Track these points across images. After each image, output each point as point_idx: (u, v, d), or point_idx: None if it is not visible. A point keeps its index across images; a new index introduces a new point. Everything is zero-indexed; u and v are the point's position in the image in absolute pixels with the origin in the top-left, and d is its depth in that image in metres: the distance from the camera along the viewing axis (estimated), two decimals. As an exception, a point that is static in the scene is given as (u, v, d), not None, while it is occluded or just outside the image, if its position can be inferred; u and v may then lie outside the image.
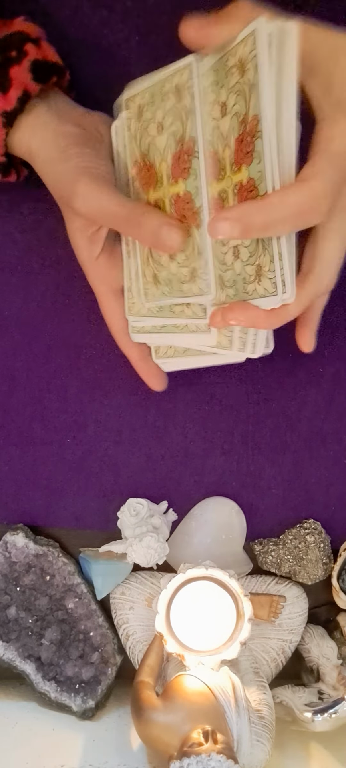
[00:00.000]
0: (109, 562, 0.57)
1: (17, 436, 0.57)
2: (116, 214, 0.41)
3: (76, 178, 0.41)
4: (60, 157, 0.42)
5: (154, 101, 0.41)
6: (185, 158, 0.40)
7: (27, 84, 0.42)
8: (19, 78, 0.41)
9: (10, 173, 0.47)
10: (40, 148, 0.43)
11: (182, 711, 0.47)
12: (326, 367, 0.57)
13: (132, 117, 0.43)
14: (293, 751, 0.55)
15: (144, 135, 0.42)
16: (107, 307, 0.48)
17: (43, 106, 0.43)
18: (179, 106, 0.39)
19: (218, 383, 0.57)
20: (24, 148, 0.44)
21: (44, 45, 0.44)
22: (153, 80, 0.41)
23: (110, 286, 0.47)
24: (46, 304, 0.55)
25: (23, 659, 0.57)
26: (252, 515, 0.58)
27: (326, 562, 0.58)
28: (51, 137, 0.42)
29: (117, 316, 0.49)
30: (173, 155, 0.41)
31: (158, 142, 0.41)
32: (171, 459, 0.58)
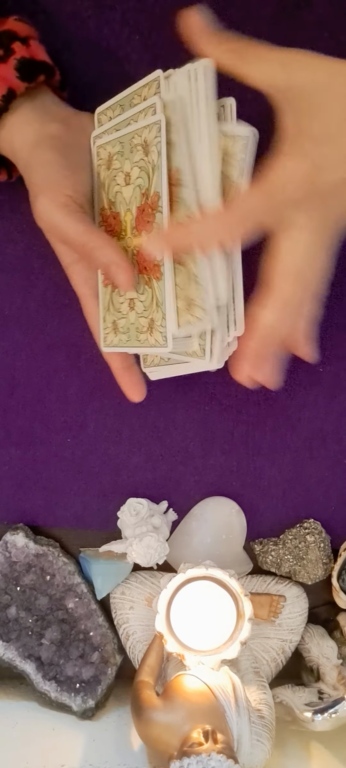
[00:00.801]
0: (109, 562, 0.57)
1: (17, 435, 0.57)
2: (72, 240, 0.41)
3: (38, 192, 0.41)
4: (31, 164, 0.42)
5: (124, 152, 0.42)
6: (149, 212, 0.40)
7: (12, 82, 0.41)
8: (4, 76, 0.41)
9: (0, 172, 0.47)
10: (20, 149, 0.43)
11: (182, 711, 0.48)
12: (326, 367, 0.57)
13: (102, 165, 0.44)
14: (293, 750, 0.55)
15: (112, 184, 0.43)
16: (90, 312, 0.47)
17: (28, 106, 0.43)
18: (146, 160, 0.40)
19: (219, 383, 0.57)
20: (8, 148, 0.43)
21: (33, 44, 0.43)
22: (122, 131, 0.42)
23: (93, 289, 0.46)
24: (46, 303, 0.55)
25: (23, 659, 0.57)
26: (252, 515, 0.58)
27: (326, 562, 0.58)
28: (30, 139, 0.42)
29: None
30: (137, 208, 0.41)
31: (125, 193, 0.42)
32: (171, 459, 0.58)
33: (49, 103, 0.45)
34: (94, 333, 0.48)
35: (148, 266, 0.41)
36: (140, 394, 0.48)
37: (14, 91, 0.42)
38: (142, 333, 0.43)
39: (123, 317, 0.44)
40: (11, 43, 0.42)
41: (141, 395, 0.49)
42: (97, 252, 0.40)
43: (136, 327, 0.43)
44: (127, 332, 0.44)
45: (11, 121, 0.42)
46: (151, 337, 0.42)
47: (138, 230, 0.42)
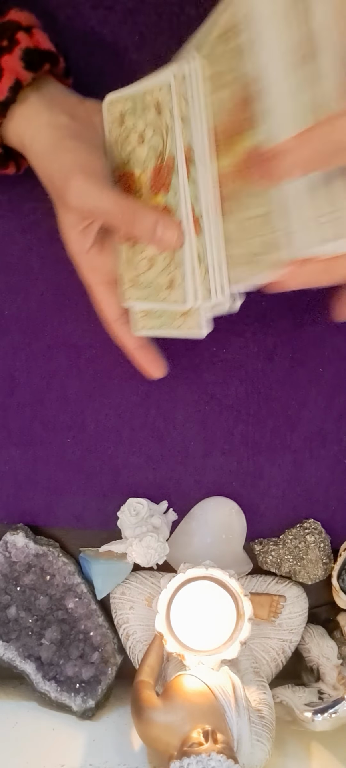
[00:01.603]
0: (109, 562, 0.57)
1: (17, 436, 0.57)
2: (111, 212, 0.40)
3: (70, 173, 0.40)
4: (53, 150, 0.41)
5: (136, 110, 0.41)
6: (164, 174, 0.40)
7: (18, 73, 0.41)
8: (10, 67, 0.41)
9: (7, 165, 0.46)
10: (32, 140, 0.42)
11: (182, 711, 0.48)
12: (327, 367, 0.57)
13: (114, 122, 0.43)
14: (293, 750, 0.55)
15: (125, 143, 0.43)
16: (100, 299, 0.47)
17: (35, 96, 0.42)
18: (159, 121, 0.40)
19: (219, 383, 0.57)
20: (17, 140, 0.43)
21: (36, 33, 0.43)
22: (134, 89, 0.41)
23: (102, 277, 0.47)
24: (46, 304, 0.55)
25: (23, 659, 0.57)
26: (252, 515, 0.58)
27: (326, 562, 0.58)
28: (44, 129, 0.42)
29: (110, 307, 0.48)
30: (153, 168, 0.41)
31: (139, 153, 0.42)
32: (171, 459, 0.58)
33: (56, 93, 0.44)
34: (103, 318, 0.48)
35: None
36: (160, 369, 0.49)
37: (21, 81, 0.41)
38: (162, 290, 0.43)
39: (142, 274, 0.44)
40: (15, 33, 0.42)
41: (161, 370, 0.49)
42: (140, 214, 0.40)
43: (156, 284, 0.43)
44: (147, 288, 0.44)
45: (19, 113, 0.42)
46: (172, 294, 0.42)
47: (155, 191, 0.41)
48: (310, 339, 0.56)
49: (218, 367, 0.56)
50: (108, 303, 0.48)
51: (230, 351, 0.56)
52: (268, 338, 0.56)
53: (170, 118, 0.39)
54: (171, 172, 0.40)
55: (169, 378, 0.55)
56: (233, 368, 0.56)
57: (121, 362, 0.56)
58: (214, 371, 0.56)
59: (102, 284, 0.47)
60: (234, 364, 0.56)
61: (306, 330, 0.56)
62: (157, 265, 0.43)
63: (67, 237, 0.45)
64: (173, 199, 0.40)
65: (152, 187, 0.41)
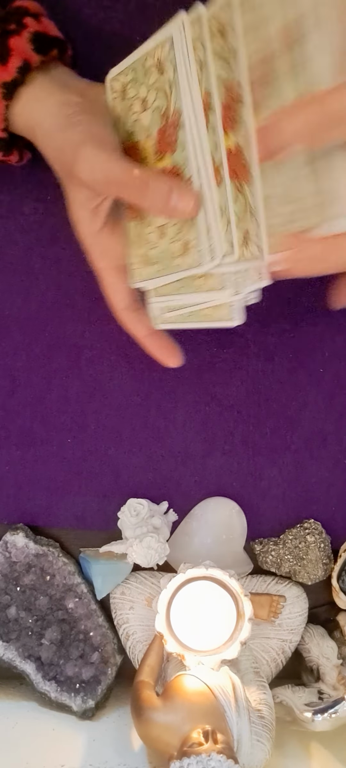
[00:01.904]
0: (109, 562, 0.57)
1: (18, 436, 0.57)
2: (123, 180, 0.39)
3: (81, 143, 0.39)
4: (65, 124, 0.41)
5: (137, 78, 0.40)
6: (170, 131, 0.39)
7: (27, 54, 0.41)
8: (18, 48, 0.41)
9: (11, 152, 0.46)
10: (43, 118, 0.41)
11: (182, 711, 0.48)
12: (327, 367, 0.57)
13: (116, 97, 0.43)
14: (293, 750, 0.55)
15: (129, 114, 0.42)
16: (109, 284, 0.45)
17: (45, 78, 0.42)
18: (162, 80, 0.39)
19: (219, 383, 0.57)
20: (24, 122, 0.43)
21: (44, 20, 0.43)
22: (134, 57, 0.40)
23: (113, 261, 0.45)
24: (46, 304, 0.55)
25: (23, 659, 0.57)
26: (253, 515, 0.58)
27: (326, 562, 0.58)
28: (55, 106, 0.41)
29: (120, 294, 0.46)
30: (158, 130, 0.40)
31: (143, 119, 0.41)
32: (171, 459, 0.58)
33: (65, 76, 0.44)
34: (113, 306, 0.46)
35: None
36: (175, 357, 0.47)
37: (29, 63, 0.41)
38: (176, 258, 0.41)
39: (153, 247, 0.42)
40: (23, 18, 0.42)
41: (176, 358, 0.47)
42: (154, 181, 0.38)
43: (169, 253, 0.41)
44: (159, 261, 0.42)
45: (27, 94, 0.42)
46: (187, 258, 0.40)
47: (161, 153, 0.40)
48: (310, 339, 0.56)
49: (218, 368, 0.56)
50: (117, 290, 0.46)
51: (231, 351, 0.56)
52: (268, 339, 0.56)
53: (173, 72, 0.38)
54: (177, 129, 0.38)
55: (169, 378, 0.56)
56: (233, 369, 0.56)
57: (121, 362, 0.56)
58: (214, 372, 0.56)
59: (112, 269, 0.45)
60: (235, 365, 0.56)
61: (306, 330, 0.56)
62: (168, 233, 0.41)
63: (77, 217, 0.44)
64: (181, 156, 0.39)
65: (158, 151, 0.40)
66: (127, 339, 0.55)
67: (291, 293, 0.55)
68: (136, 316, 0.46)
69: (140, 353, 0.54)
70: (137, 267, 0.44)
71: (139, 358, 0.56)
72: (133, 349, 0.56)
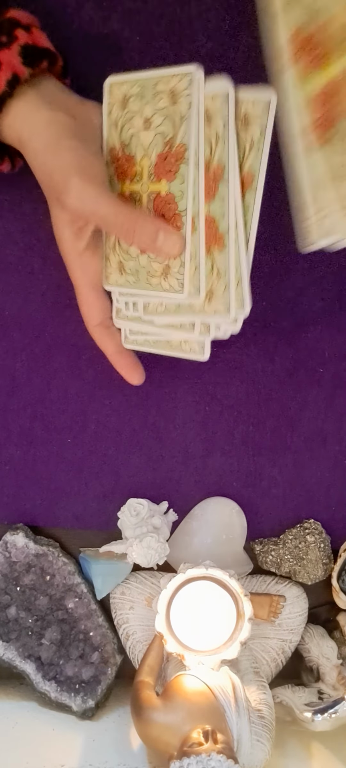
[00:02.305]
0: (109, 562, 0.57)
1: (18, 436, 0.57)
2: (109, 219, 0.41)
3: (70, 174, 0.40)
4: (52, 149, 0.41)
5: (144, 96, 0.41)
6: (172, 161, 0.41)
7: (16, 67, 0.41)
8: (7, 61, 0.41)
9: (3, 161, 0.46)
10: (31, 136, 0.42)
11: (182, 711, 0.48)
12: (327, 367, 0.57)
13: (115, 103, 0.43)
14: (293, 750, 0.55)
15: (127, 125, 0.43)
16: (86, 301, 0.47)
17: (33, 93, 0.42)
18: (173, 110, 0.40)
19: (219, 383, 0.57)
20: (14, 136, 0.43)
21: (35, 31, 0.43)
22: (145, 75, 0.41)
23: (91, 279, 0.46)
24: (46, 304, 0.55)
25: (23, 659, 0.57)
26: (253, 515, 0.58)
27: (326, 562, 0.58)
28: (42, 126, 0.42)
29: (95, 311, 0.48)
30: (159, 154, 0.41)
31: (143, 137, 0.42)
32: (171, 459, 0.58)
33: (54, 91, 0.44)
34: (86, 321, 0.48)
35: (167, 214, 0.41)
36: (139, 376, 0.49)
37: (19, 76, 0.41)
38: (154, 277, 0.43)
39: (132, 259, 0.44)
40: (14, 30, 0.42)
41: (140, 377, 0.49)
42: (141, 225, 0.40)
43: (147, 270, 0.43)
44: (135, 274, 0.44)
45: (16, 109, 0.42)
46: (166, 281, 0.42)
47: (157, 177, 0.42)
48: (310, 339, 0.56)
49: (218, 368, 0.56)
50: (91, 306, 0.48)
51: (231, 351, 0.56)
52: (268, 338, 0.56)
53: (187, 108, 0.39)
54: (179, 161, 0.40)
55: (169, 379, 0.56)
56: (233, 369, 0.56)
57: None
58: (214, 372, 0.56)
59: (88, 286, 0.47)
60: (235, 365, 0.56)
61: (306, 330, 0.56)
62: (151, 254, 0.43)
63: (61, 235, 0.45)
64: (178, 187, 0.40)
65: (154, 173, 0.42)
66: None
67: (291, 293, 0.55)
68: (107, 333, 0.48)
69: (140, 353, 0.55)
70: (112, 272, 0.46)
71: (138, 358, 0.56)
72: (133, 349, 0.56)
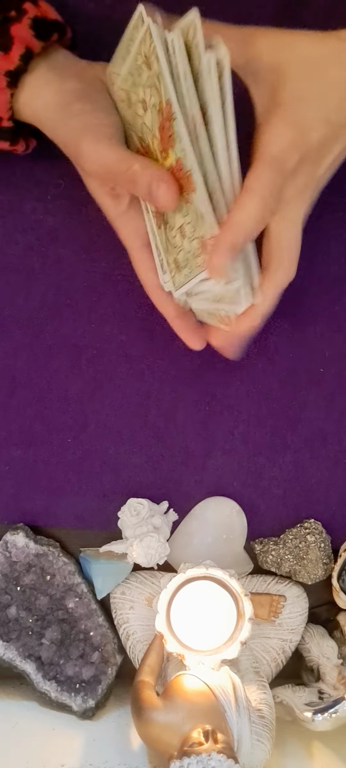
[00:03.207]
0: (109, 562, 0.57)
1: (18, 436, 0.57)
2: (116, 170, 0.40)
3: (79, 137, 0.40)
4: (63, 116, 0.41)
5: (135, 81, 0.40)
6: (167, 125, 0.38)
7: (29, 41, 0.41)
8: (20, 35, 0.41)
9: (18, 141, 0.46)
10: (44, 109, 0.42)
11: (182, 710, 0.48)
12: (327, 367, 0.57)
13: (122, 105, 0.43)
14: (293, 750, 0.55)
15: (136, 119, 0.42)
16: (140, 263, 0.45)
17: (44, 66, 0.42)
18: (151, 74, 0.38)
19: (219, 383, 0.57)
20: (29, 112, 0.43)
21: (43, 4, 0.43)
22: (127, 61, 0.40)
23: (141, 238, 0.45)
24: (47, 304, 0.55)
25: (23, 659, 0.57)
26: (253, 515, 0.58)
27: (327, 562, 0.58)
28: (53, 97, 0.42)
29: (151, 272, 0.46)
30: (158, 128, 0.39)
31: (146, 120, 0.41)
32: (172, 459, 0.58)
33: (64, 60, 0.44)
34: (144, 284, 0.47)
35: (183, 182, 0.39)
36: (200, 341, 0.48)
37: (32, 50, 0.41)
38: (198, 256, 0.41)
39: (180, 249, 0.42)
40: (23, 4, 0.42)
41: (201, 341, 0.48)
42: (139, 173, 0.39)
43: (192, 253, 0.41)
44: (188, 264, 0.42)
45: (30, 83, 0.42)
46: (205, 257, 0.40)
47: (165, 151, 0.40)
48: (310, 339, 0.56)
49: (218, 368, 0.56)
50: (147, 267, 0.46)
51: (231, 351, 0.56)
52: (268, 338, 0.56)
53: (157, 63, 0.37)
54: (171, 121, 0.38)
55: (169, 378, 0.56)
56: (233, 368, 0.56)
57: (121, 362, 0.56)
58: (214, 371, 0.56)
59: (140, 247, 0.45)
60: (235, 364, 0.56)
61: (306, 330, 0.56)
62: (187, 232, 0.41)
63: (100, 202, 0.44)
64: (179, 148, 0.38)
65: (162, 150, 0.40)
66: (127, 339, 0.55)
67: (291, 293, 0.55)
68: (167, 296, 0.46)
69: (140, 353, 0.55)
70: (174, 274, 0.44)
71: (139, 358, 0.56)
72: (134, 349, 0.56)
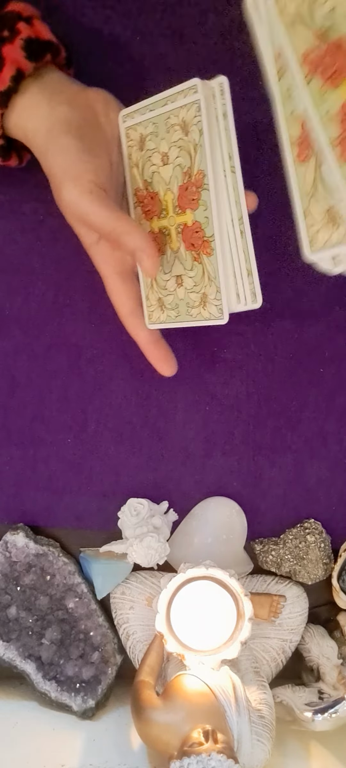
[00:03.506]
0: (109, 562, 0.57)
1: (18, 435, 0.57)
2: (98, 228, 0.41)
3: (63, 180, 0.41)
4: (49, 149, 0.41)
5: (158, 133, 0.42)
6: (193, 190, 0.41)
7: (20, 62, 0.41)
8: (11, 57, 0.41)
9: (10, 157, 0.46)
10: (33, 134, 0.42)
11: (182, 710, 0.48)
12: (327, 367, 0.57)
13: (133, 146, 0.44)
14: (293, 750, 0.55)
15: (147, 164, 0.44)
16: (113, 290, 0.46)
17: (36, 87, 0.42)
18: (186, 140, 0.41)
19: (219, 383, 0.57)
20: (20, 132, 0.43)
21: (37, 23, 0.43)
22: (156, 111, 0.42)
23: (115, 268, 0.46)
24: (46, 304, 0.55)
25: (23, 659, 0.57)
26: (253, 515, 0.58)
27: (327, 562, 0.58)
28: (43, 123, 0.42)
29: (123, 299, 0.47)
30: (180, 186, 0.42)
31: (163, 173, 0.43)
32: (172, 459, 0.58)
33: (56, 82, 0.44)
34: (117, 310, 0.48)
35: (197, 243, 0.42)
36: (171, 367, 0.48)
37: (23, 71, 0.41)
38: (194, 308, 0.44)
39: (170, 294, 0.45)
40: (16, 23, 0.42)
41: (172, 368, 0.48)
42: (125, 237, 0.40)
43: (186, 302, 0.44)
44: (175, 308, 0.45)
45: (21, 104, 0.42)
46: (205, 310, 0.43)
47: (181, 208, 0.42)
48: (310, 339, 0.56)
49: (218, 368, 0.56)
50: (121, 295, 0.47)
51: (231, 351, 0.56)
52: (268, 338, 0.56)
53: (199, 135, 0.40)
54: (200, 189, 0.41)
55: (170, 378, 0.55)
56: (233, 368, 0.56)
57: (121, 362, 0.56)
58: (215, 372, 0.56)
59: (113, 274, 0.46)
60: (235, 365, 0.56)
61: (306, 330, 0.56)
62: (186, 284, 0.44)
63: (75, 230, 0.45)
64: (203, 214, 0.41)
65: (179, 205, 0.43)
66: (127, 339, 0.55)
67: (292, 293, 0.55)
68: (139, 322, 0.47)
69: (140, 353, 0.55)
70: (153, 309, 0.47)
71: (139, 358, 0.56)
72: (133, 349, 0.56)
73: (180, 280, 0.44)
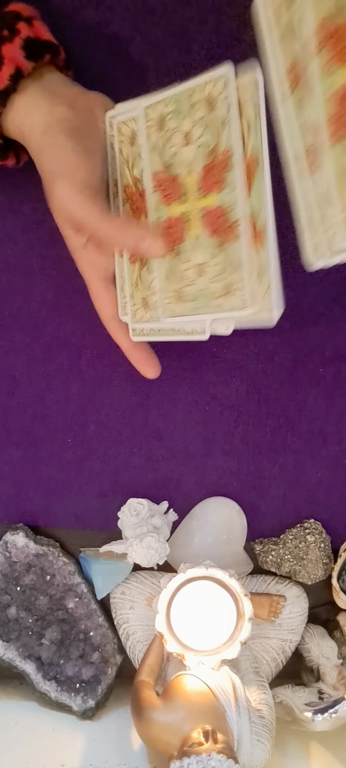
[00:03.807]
0: (109, 562, 0.57)
1: (18, 435, 0.57)
2: (91, 228, 0.41)
3: (55, 178, 0.40)
4: (46, 146, 0.41)
5: (181, 110, 0.40)
6: (218, 170, 0.39)
7: (19, 61, 0.41)
8: (10, 56, 0.41)
9: (7, 156, 0.46)
10: (30, 131, 0.42)
11: (182, 711, 0.48)
12: (327, 367, 0.57)
13: (152, 126, 0.42)
14: (293, 750, 0.55)
15: (166, 146, 0.41)
16: (96, 295, 0.47)
17: (34, 86, 0.42)
18: (211, 117, 0.38)
19: (219, 383, 0.57)
20: (17, 131, 0.43)
21: (37, 24, 0.43)
22: (178, 89, 0.40)
23: (99, 273, 0.46)
24: (46, 304, 0.55)
25: (23, 659, 0.57)
26: (253, 515, 0.58)
27: (327, 562, 0.58)
28: (41, 121, 0.42)
29: (107, 304, 0.47)
30: (204, 167, 0.39)
31: (185, 153, 0.40)
32: (172, 459, 0.58)
33: (56, 83, 0.44)
34: (100, 314, 0.48)
35: (221, 228, 0.39)
36: (154, 370, 0.48)
37: (22, 70, 0.41)
38: (216, 298, 0.41)
39: (191, 284, 0.42)
40: (16, 23, 0.42)
41: (155, 370, 0.48)
42: (122, 235, 0.40)
43: (209, 292, 0.41)
44: (197, 299, 0.42)
45: (19, 103, 0.42)
46: (233, 298, 0.40)
47: (205, 190, 0.40)
48: (310, 339, 0.56)
49: (218, 368, 0.56)
50: (105, 300, 0.47)
51: (231, 351, 0.56)
52: (268, 338, 0.56)
53: (226, 111, 0.37)
54: (226, 168, 0.38)
55: (169, 378, 0.56)
56: (233, 368, 0.56)
57: (121, 362, 0.56)
58: (215, 371, 0.56)
59: (99, 280, 0.46)
60: (235, 365, 0.56)
61: (306, 330, 0.56)
62: (208, 272, 0.41)
63: (64, 233, 0.45)
64: (229, 197, 0.39)
65: (202, 188, 0.40)
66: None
67: (292, 293, 0.55)
68: (121, 326, 0.48)
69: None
70: (169, 302, 0.43)
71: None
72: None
73: (202, 268, 0.41)
